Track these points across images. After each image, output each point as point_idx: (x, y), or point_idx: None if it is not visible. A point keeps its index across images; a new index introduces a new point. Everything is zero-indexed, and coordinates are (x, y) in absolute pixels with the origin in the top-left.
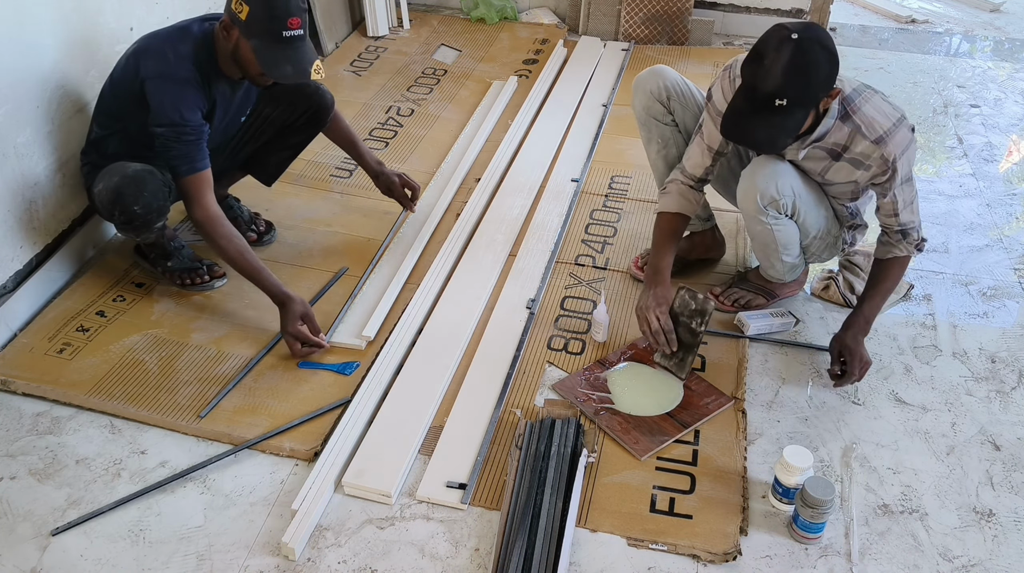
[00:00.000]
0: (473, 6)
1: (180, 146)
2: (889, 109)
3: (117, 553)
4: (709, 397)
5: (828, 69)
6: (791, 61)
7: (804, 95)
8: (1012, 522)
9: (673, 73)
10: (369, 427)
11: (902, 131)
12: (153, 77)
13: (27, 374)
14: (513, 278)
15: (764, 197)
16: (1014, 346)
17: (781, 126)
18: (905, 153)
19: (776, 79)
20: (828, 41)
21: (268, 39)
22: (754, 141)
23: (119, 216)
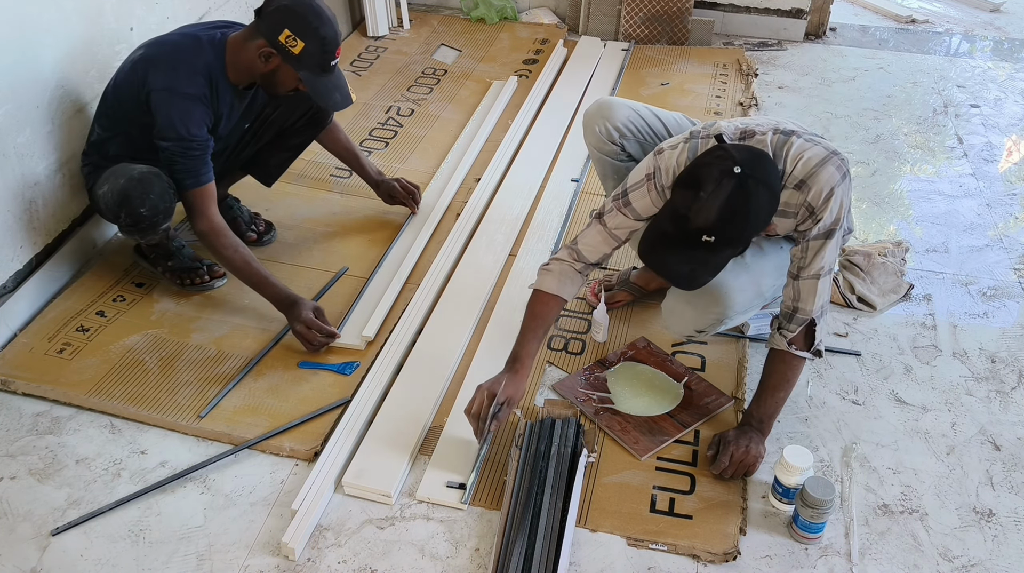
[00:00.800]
0: (473, 6)
1: (186, 161)
2: (812, 151)
3: (117, 553)
4: (709, 397)
5: (768, 211)
6: (729, 201)
7: (737, 238)
8: (1012, 522)
9: (623, 108)
10: (369, 427)
11: (826, 171)
12: (160, 90)
13: (27, 374)
14: (513, 278)
15: (707, 322)
16: (1014, 346)
17: (704, 263)
18: (832, 196)
19: (709, 217)
20: (774, 179)
21: (317, 70)
22: (672, 274)
23: (125, 218)
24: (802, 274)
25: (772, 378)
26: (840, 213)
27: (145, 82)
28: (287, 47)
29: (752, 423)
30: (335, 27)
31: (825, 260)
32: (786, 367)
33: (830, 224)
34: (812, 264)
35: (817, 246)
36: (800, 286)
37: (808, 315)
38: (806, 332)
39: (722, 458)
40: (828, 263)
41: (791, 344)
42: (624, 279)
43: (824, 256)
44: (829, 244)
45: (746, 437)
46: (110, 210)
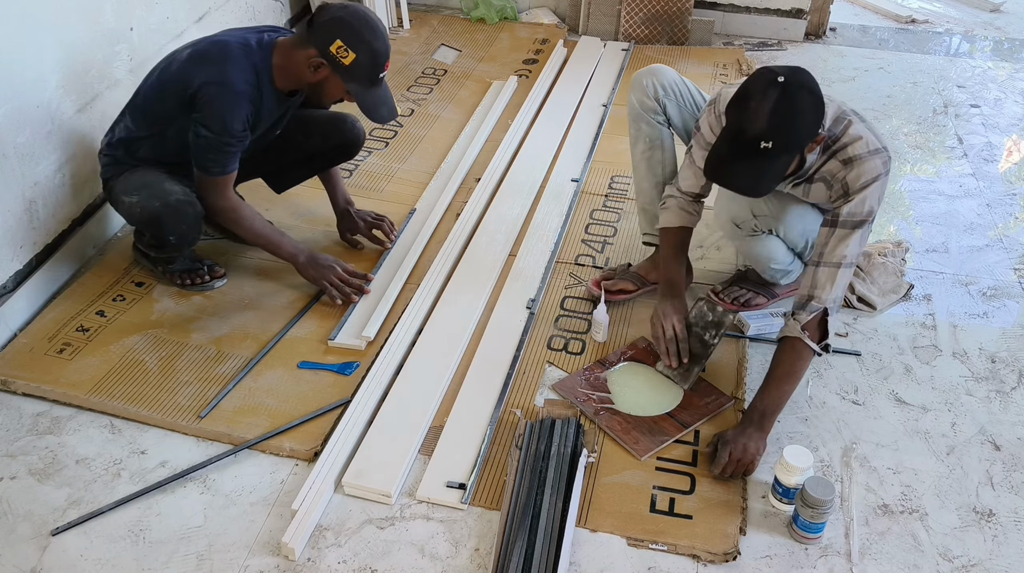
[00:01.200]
0: (473, 6)
1: (219, 154)
2: (871, 138)
3: (117, 553)
4: (709, 397)
5: (814, 115)
6: (777, 105)
7: (789, 140)
8: (1012, 522)
9: (672, 73)
10: (369, 427)
11: (875, 161)
12: (212, 83)
13: (27, 374)
14: (513, 278)
15: (737, 218)
16: (1014, 346)
17: (764, 171)
18: (870, 185)
19: (761, 123)
20: (814, 86)
21: (366, 83)
22: (737, 186)
23: (150, 238)
24: (823, 260)
25: (780, 368)
26: (872, 205)
27: (194, 78)
28: (338, 58)
29: (753, 419)
30: (387, 40)
31: (849, 250)
32: (795, 357)
33: (859, 214)
34: (836, 251)
35: (843, 234)
36: (819, 273)
37: (823, 303)
38: (819, 323)
39: (720, 457)
40: (851, 254)
41: (804, 329)
42: (625, 270)
43: (849, 245)
44: (855, 235)
45: (745, 436)
46: (136, 223)
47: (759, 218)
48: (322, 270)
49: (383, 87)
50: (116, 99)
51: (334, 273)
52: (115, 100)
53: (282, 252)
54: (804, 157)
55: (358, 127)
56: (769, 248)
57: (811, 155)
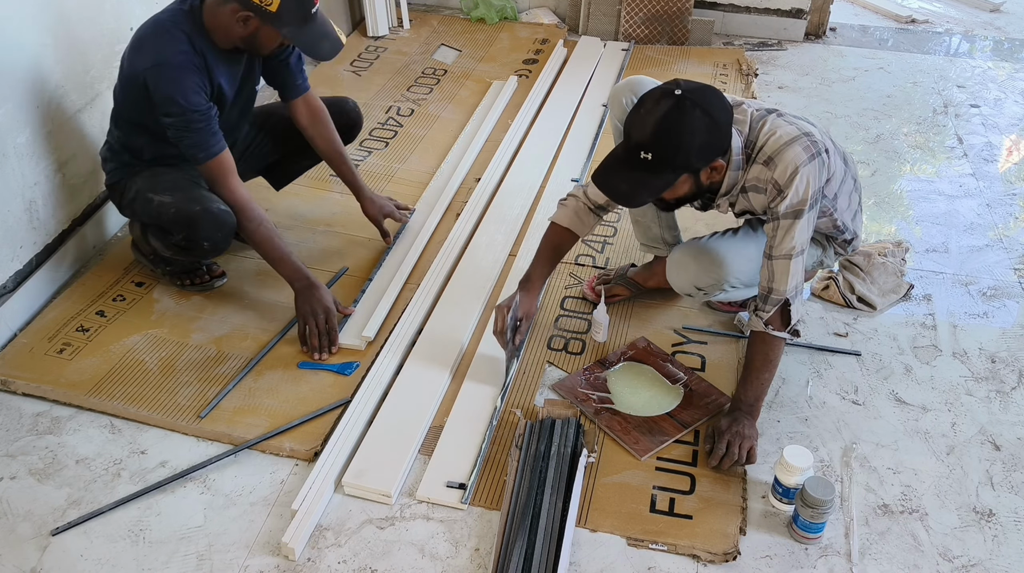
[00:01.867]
0: (473, 6)
1: (191, 134)
2: (786, 129)
3: (117, 553)
4: (709, 397)
5: (705, 136)
6: (664, 117)
7: (672, 157)
8: (1012, 522)
9: (651, 84)
10: (369, 427)
11: (793, 149)
12: (149, 67)
13: (27, 374)
14: (513, 278)
15: (701, 282)
16: (1014, 346)
17: (643, 182)
18: (798, 174)
19: (645, 132)
20: (716, 110)
21: (299, 23)
22: (614, 191)
23: (182, 241)
24: (774, 253)
25: (755, 360)
26: (807, 193)
27: (137, 68)
28: (263, 6)
29: (741, 408)
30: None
31: (796, 240)
32: (767, 348)
33: (797, 203)
34: (783, 243)
35: (787, 225)
36: (773, 266)
37: (782, 295)
38: (782, 312)
39: (719, 447)
40: (799, 243)
41: (768, 324)
42: (622, 274)
43: (794, 236)
44: (798, 224)
45: (738, 423)
46: (165, 220)
47: (705, 289)
48: (312, 308)
49: (319, 20)
50: None
51: (318, 319)
52: None
53: (282, 268)
54: (700, 182)
55: (357, 110)
56: (732, 296)
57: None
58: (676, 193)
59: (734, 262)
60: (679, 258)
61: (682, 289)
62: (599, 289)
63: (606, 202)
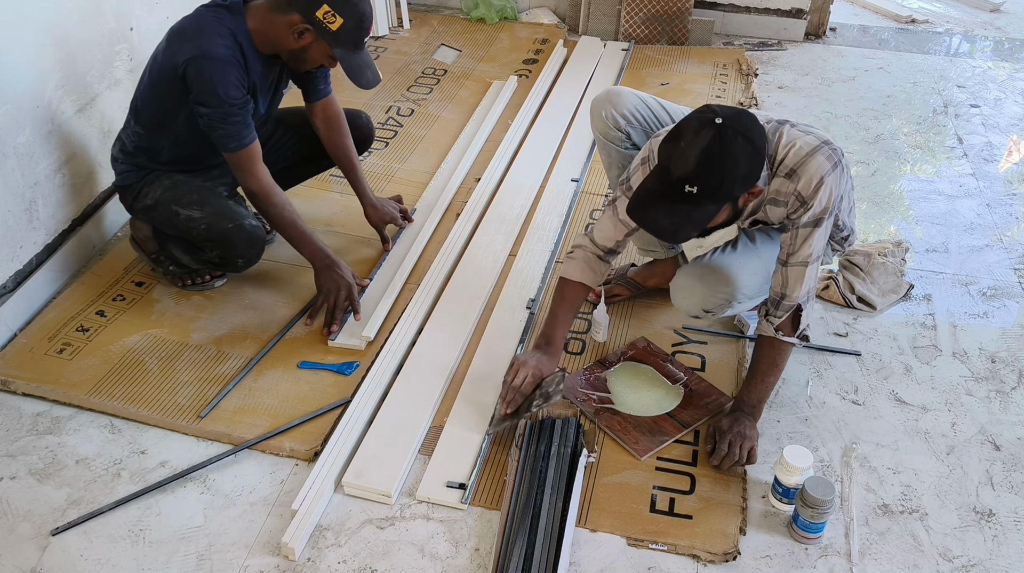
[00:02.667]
0: (473, 6)
1: (227, 126)
2: (804, 139)
3: (117, 553)
4: (709, 397)
5: (748, 164)
6: (708, 149)
7: (717, 189)
8: (1012, 522)
9: (630, 97)
10: (369, 427)
11: (816, 160)
12: (194, 58)
13: (27, 374)
14: (513, 278)
15: (708, 304)
16: (1014, 346)
17: (687, 216)
18: (823, 185)
19: (689, 165)
20: (755, 134)
21: (352, 48)
22: (656, 227)
23: (215, 258)
24: (790, 260)
25: (761, 364)
26: (830, 202)
27: (177, 58)
28: (324, 23)
29: (743, 409)
30: (371, 4)
31: (813, 247)
32: (775, 353)
33: (819, 212)
34: (800, 251)
35: (806, 233)
36: (788, 272)
37: (794, 301)
38: (792, 318)
39: (720, 447)
40: (816, 251)
41: (778, 330)
42: (622, 274)
43: (812, 243)
44: (817, 232)
45: (739, 423)
46: (193, 235)
47: (713, 310)
48: (335, 284)
49: (365, 51)
50: (116, 99)
51: (338, 296)
52: (115, 100)
53: (305, 249)
54: (737, 208)
55: (370, 124)
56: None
57: (750, 205)
58: (715, 222)
59: (741, 278)
60: (684, 282)
61: (690, 312)
62: (599, 289)
63: (615, 245)
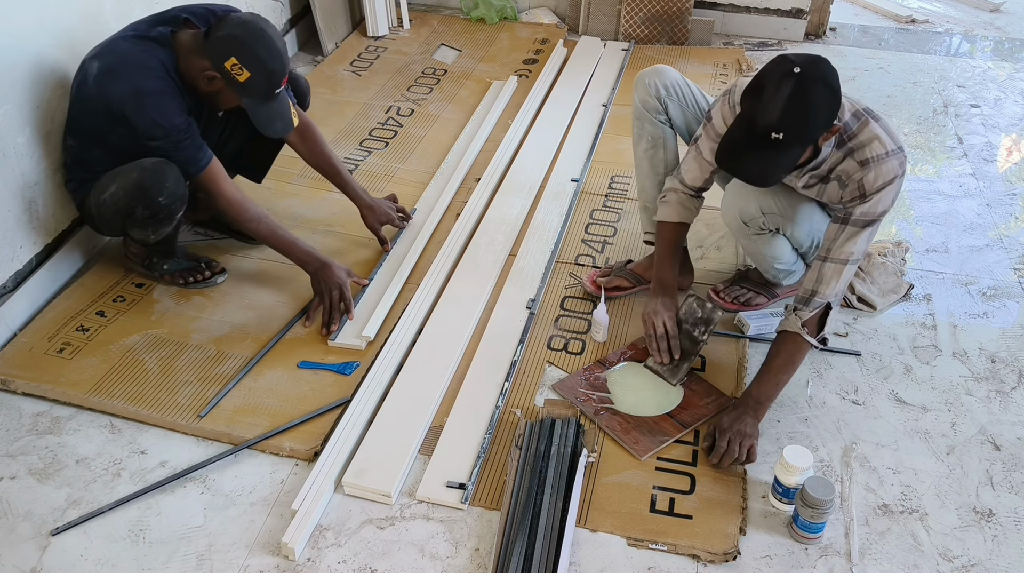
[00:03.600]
0: (473, 6)
1: (179, 152)
2: (887, 138)
3: (117, 553)
4: (709, 397)
5: (829, 108)
6: (792, 97)
7: (802, 133)
8: (1012, 522)
9: (675, 74)
10: (369, 427)
11: (892, 162)
12: (129, 96)
13: (27, 374)
14: (513, 278)
15: (744, 214)
16: (1014, 346)
17: (775, 161)
18: (886, 187)
19: (774, 114)
20: (832, 78)
21: (261, 99)
22: (747, 174)
23: (142, 211)
24: (831, 256)
25: (778, 359)
26: (886, 205)
27: (111, 97)
28: (232, 75)
29: (748, 405)
30: (283, 60)
31: (857, 247)
32: (795, 349)
33: (875, 213)
34: (844, 247)
35: (854, 232)
36: (825, 268)
37: (826, 299)
38: (820, 317)
39: (719, 444)
40: (859, 251)
41: (804, 326)
42: (621, 267)
43: (858, 243)
44: (865, 233)
45: (740, 421)
46: (121, 209)
47: (767, 215)
48: (328, 286)
49: (279, 100)
50: None
51: (332, 296)
52: None
53: (292, 256)
54: (818, 147)
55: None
56: (775, 247)
57: (825, 146)
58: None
59: (802, 207)
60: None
61: (743, 211)
62: (600, 281)
63: (704, 183)
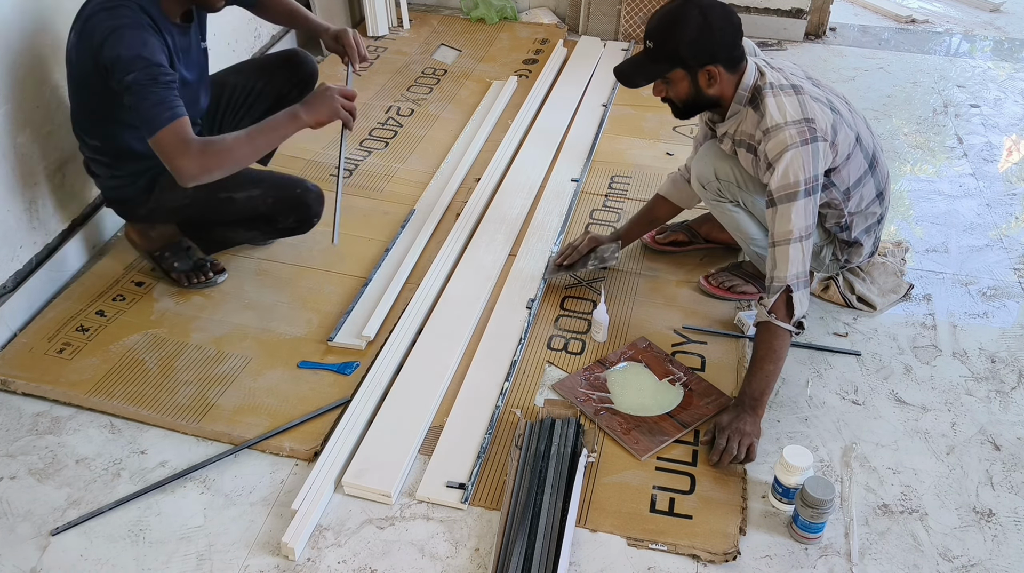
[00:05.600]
0: (473, 6)
1: (158, 89)
2: (794, 109)
3: (117, 553)
4: (709, 397)
5: (696, 35)
6: (667, 11)
7: (664, 45)
8: (1012, 522)
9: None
10: (369, 427)
11: (791, 130)
12: (108, 33)
13: (27, 374)
14: (513, 278)
15: (701, 178)
16: (1014, 346)
17: (642, 66)
18: (783, 156)
19: (653, 21)
20: (716, 17)
21: None
22: (618, 71)
23: (292, 222)
24: (775, 239)
25: (758, 351)
26: (799, 176)
27: (93, 41)
28: None
29: (745, 403)
30: None
31: (793, 224)
32: (771, 337)
33: (789, 186)
34: (780, 227)
35: (783, 210)
36: (775, 252)
37: (783, 282)
38: (786, 302)
39: (718, 443)
40: (797, 229)
41: (771, 313)
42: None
43: (791, 219)
44: (793, 208)
45: (739, 420)
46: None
47: (722, 182)
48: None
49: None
50: None
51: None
52: None
53: (281, 131)
54: (698, 85)
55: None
56: (739, 221)
57: (734, 104)
58: (677, 91)
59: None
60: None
61: (700, 174)
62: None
63: None
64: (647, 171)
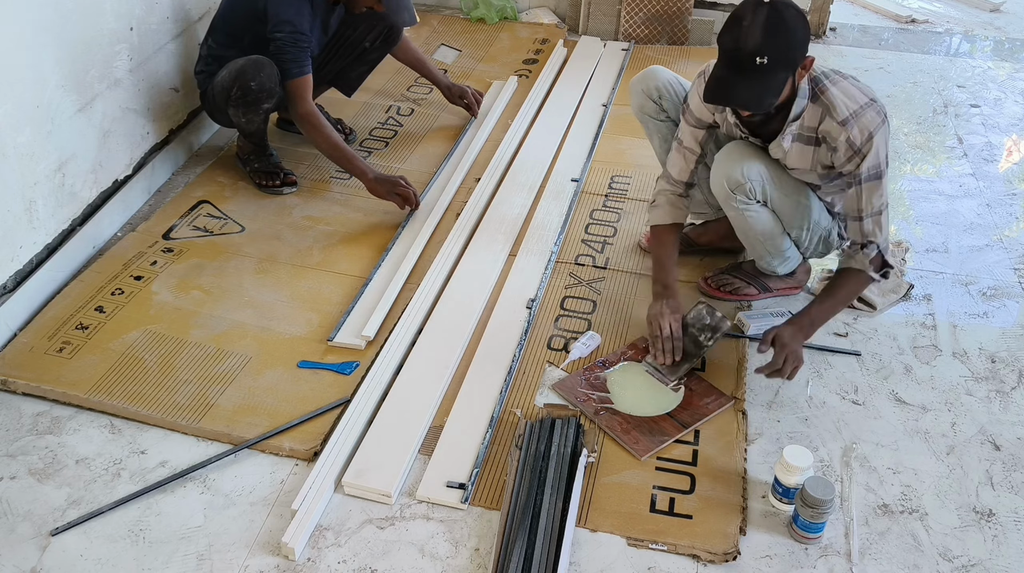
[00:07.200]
0: (473, 6)
1: (294, 50)
2: (857, 93)
3: (117, 553)
4: (709, 397)
5: (803, 30)
6: (768, 20)
7: (784, 54)
8: (1012, 522)
9: (666, 73)
10: (369, 427)
11: (869, 113)
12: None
13: (27, 374)
14: (513, 278)
15: (730, 181)
16: (1014, 346)
17: (764, 84)
18: (875, 136)
19: (756, 38)
20: (798, 8)
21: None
22: (740, 100)
23: (236, 92)
24: (864, 214)
25: (843, 291)
26: (883, 154)
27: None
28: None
29: (804, 325)
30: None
31: (883, 198)
32: (859, 285)
33: (877, 165)
34: (872, 202)
35: (872, 187)
36: (865, 224)
37: (884, 245)
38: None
39: (776, 359)
40: (885, 199)
41: (870, 263)
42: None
43: (881, 193)
44: (882, 183)
45: (797, 341)
46: (224, 89)
47: (753, 181)
48: (389, 185)
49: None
50: (116, 99)
51: (399, 187)
52: (115, 100)
53: (353, 167)
54: (796, 84)
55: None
56: (760, 221)
57: (801, 91)
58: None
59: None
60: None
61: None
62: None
63: (689, 176)
64: (647, 171)
